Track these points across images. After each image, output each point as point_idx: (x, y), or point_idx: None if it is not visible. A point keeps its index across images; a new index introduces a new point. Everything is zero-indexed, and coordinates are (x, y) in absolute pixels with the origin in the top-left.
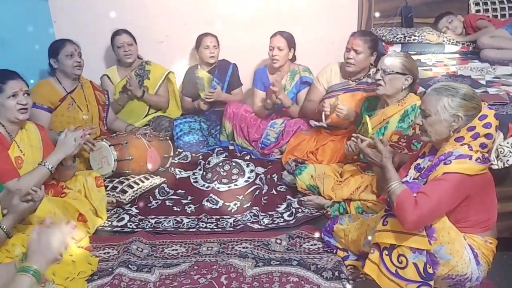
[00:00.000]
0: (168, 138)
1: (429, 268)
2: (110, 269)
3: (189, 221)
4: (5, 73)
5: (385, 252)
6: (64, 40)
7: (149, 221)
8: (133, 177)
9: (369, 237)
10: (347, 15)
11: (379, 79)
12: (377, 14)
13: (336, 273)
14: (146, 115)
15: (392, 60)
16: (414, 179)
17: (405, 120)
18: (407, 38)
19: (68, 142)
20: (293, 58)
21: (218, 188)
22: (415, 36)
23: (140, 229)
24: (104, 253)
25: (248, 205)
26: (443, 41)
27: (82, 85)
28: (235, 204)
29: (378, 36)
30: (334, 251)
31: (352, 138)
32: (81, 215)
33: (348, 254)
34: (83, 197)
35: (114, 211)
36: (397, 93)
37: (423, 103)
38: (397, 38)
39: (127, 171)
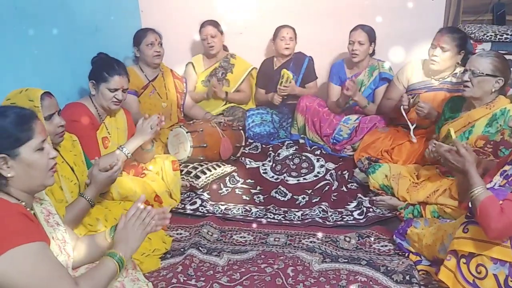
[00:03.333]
0: (240, 128)
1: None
2: (182, 249)
3: (258, 211)
4: (114, 67)
5: (463, 260)
6: (146, 30)
7: (219, 207)
8: (206, 164)
9: (446, 244)
10: (433, 9)
11: (467, 81)
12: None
13: (407, 277)
14: (221, 106)
15: (483, 60)
16: (500, 186)
17: (493, 125)
18: (498, 37)
19: (145, 129)
20: (373, 53)
21: (287, 180)
22: (507, 34)
23: (211, 214)
24: (177, 234)
25: (317, 200)
26: None
27: (163, 73)
28: (303, 198)
29: (466, 33)
30: (406, 254)
31: (432, 144)
32: (157, 196)
33: (421, 258)
34: (160, 179)
35: (187, 195)
36: (486, 95)
37: None
38: (487, 36)
39: (201, 158)
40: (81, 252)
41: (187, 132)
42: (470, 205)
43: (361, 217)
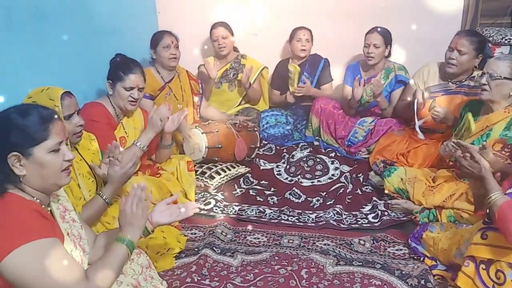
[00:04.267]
0: (255, 129)
1: None
2: (196, 249)
3: (271, 212)
4: (130, 66)
5: (482, 266)
6: (163, 32)
7: (233, 208)
8: (221, 164)
9: (462, 249)
10: (451, 12)
11: (485, 84)
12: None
13: (422, 282)
14: (236, 107)
15: (501, 64)
16: None
17: (510, 128)
18: None
19: (155, 121)
20: (388, 55)
21: (301, 182)
22: None
23: (224, 215)
24: (191, 234)
25: (331, 202)
26: None
27: (179, 75)
28: (317, 200)
29: (485, 37)
30: (421, 258)
31: (451, 143)
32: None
33: (437, 263)
34: (175, 179)
35: (201, 195)
36: (504, 99)
37: None
38: (506, 40)
39: (216, 158)
40: (98, 248)
41: (202, 133)
42: (488, 211)
43: (376, 220)
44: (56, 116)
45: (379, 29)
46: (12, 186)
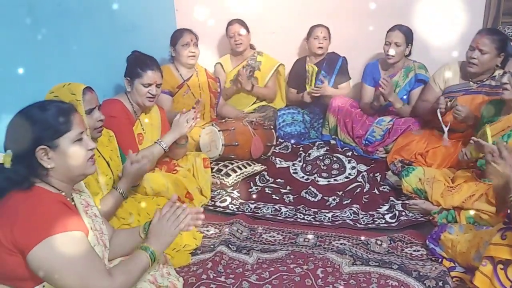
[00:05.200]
0: (272, 127)
1: None
2: (212, 246)
3: (287, 211)
4: (147, 62)
5: (500, 266)
6: (183, 30)
7: (249, 206)
8: (237, 162)
9: (482, 251)
10: (472, 11)
11: (506, 83)
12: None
13: (440, 283)
14: (252, 104)
15: None
16: None
17: None
18: None
19: (181, 123)
20: (409, 53)
21: (318, 181)
22: None
23: (240, 212)
24: (207, 231)
25: (348, 202)
26: None
27: (198, 73)
28: (334, 199)
29: (507, 35)
30: (439, 260)
31: (471, 141)
32: (189, 193)
33: (455, 265)
34: (191, 175)
35: (217, 192)
36: None
37: None
38: None
39: (232, 156)
40: (115, 244)
41: (219, 131)
42: (509, 211)
43: (393, 220)
44: (74, 109)
45: (401, 27)
46: (38, 180)
